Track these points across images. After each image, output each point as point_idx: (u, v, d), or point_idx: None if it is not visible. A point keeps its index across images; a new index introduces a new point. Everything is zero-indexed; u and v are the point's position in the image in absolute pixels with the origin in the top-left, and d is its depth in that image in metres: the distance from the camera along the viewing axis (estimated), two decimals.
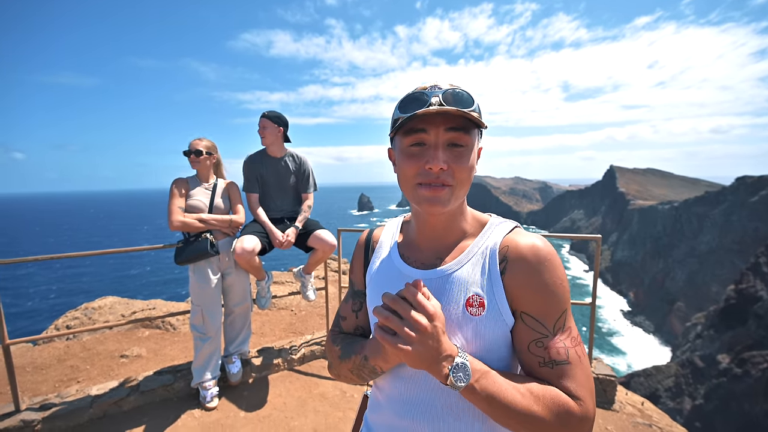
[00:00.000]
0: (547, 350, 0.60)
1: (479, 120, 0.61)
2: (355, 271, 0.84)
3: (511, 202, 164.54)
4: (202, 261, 2.46)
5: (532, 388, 0.57)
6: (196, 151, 2.45)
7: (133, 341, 3.73)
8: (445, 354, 0.55)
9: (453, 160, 0.61)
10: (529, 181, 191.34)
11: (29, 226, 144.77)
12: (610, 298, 71.90)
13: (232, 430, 2.33)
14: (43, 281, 52.73)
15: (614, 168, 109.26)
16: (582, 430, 0.57)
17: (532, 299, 0.61)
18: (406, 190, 0.66)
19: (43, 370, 3.19)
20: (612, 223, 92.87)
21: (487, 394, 0.55)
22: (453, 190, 0.62)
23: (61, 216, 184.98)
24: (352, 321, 0.83)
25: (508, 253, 0.64)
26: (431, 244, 0.71)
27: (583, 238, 2.68)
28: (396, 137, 0.67)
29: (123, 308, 4.46)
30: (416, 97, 0.62)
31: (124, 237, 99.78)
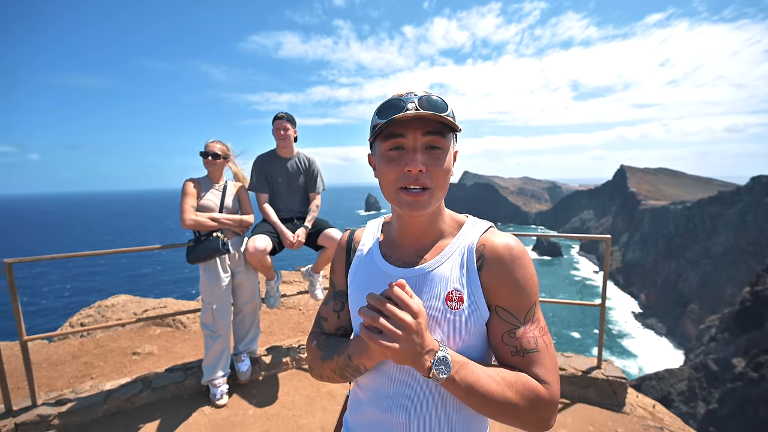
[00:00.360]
0: (519, 340, 0.65)
1: (454, 123, 0.65)
2: (336, 272, 0.86)
3: (520, 203, 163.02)
4: (212, 260, 2.50)
5: (505, 376, 0.62)
6: (213, 154, 2.51)
7: (145, 339, 3.81)
8: (428, 349, 0.59)
9: (431, 163, 0.66)
10: (537, 181, 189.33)
11: (44, 225, 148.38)
12: (620, 299, 70.70)
13: (242, 427, 2.36)
14: (57, 280, 53.99)
15: (625, 167, 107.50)
16: (549, 411, 0.63)
17: (505, 294, 0.67)
18: (387, 194, 0.70)
19: (58, 366, 3.28)
20: (623, 223, 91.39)
21: (466, 384, 0.60)
22: (432, 192, 0.67)
23: (75, 216, 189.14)
24: (334, 321, 0.83)
25: (485, 252, 0.69)
26: (412, 243, 0.75)
27: (593, 238, 2.65)
28: (375, 142, 0.70)
29: (135, 306, 4.55)
30: (393, 103, 0.65)
31: (136, 236, 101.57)
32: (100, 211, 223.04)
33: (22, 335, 2.42)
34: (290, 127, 2.70)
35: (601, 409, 2.53)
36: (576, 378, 2.64)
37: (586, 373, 2.64)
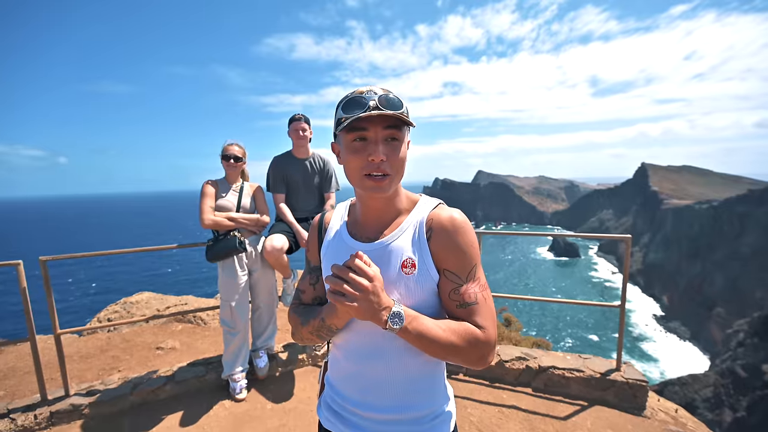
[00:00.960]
0: (462, 295, 0.80)
1: (408, 120, 0.77)
2: (311, 250, 0.99)
3: (535, 202, 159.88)
4: (230, 258, 2.58)
5: (450, 324, 0.77)
6: (235, 157, 2.60)
7: (168, 334, 3.95)
8: (384, 306, 0.73)
9: (390, 153, 0.77)
10: (554, 180, 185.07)
11: (72, 226, 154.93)
12: (641, 301, 68.40)
13: (260, 421, 2.43)
14: (85, 278, 56.36)
15: (646, 165, 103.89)
16: (486, 349, 0.77)
17: (450, 258, 0.80)
18: (353, 180, 0.82)
19: (88, 359, 3.44)
20: (644, 223, 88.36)
21: (417, 333, 0.74)
22: (392, 178, 0.79)
23: (101, 216, 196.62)
24: (310, 293, 0.96)
25: (433, 224, 0.83)
26: (374, 221, 0.88)
27: (612, 238, 2.60)
28: (340, 134, 0.80)
29: (158, 303, 4.72)
30: (356, 100, 0.76)
31: (157, 236, 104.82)
32: (124, 212, 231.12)
33: (55, 329, 2.56)
34: (307, 127, 2.76)
35: (620, 413, 2.48)
36: (594, 380, 2.60)
37: (605, 376, 2.59)
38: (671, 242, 72.84)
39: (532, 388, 2.75)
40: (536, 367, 2.78)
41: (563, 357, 2.89)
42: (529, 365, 2.80)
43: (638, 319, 60.02)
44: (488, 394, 2.68)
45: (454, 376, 2.93)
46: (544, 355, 2.92)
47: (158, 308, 4.59)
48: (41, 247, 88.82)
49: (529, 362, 2.83)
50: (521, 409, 2.53)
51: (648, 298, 70.06)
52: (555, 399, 2.61)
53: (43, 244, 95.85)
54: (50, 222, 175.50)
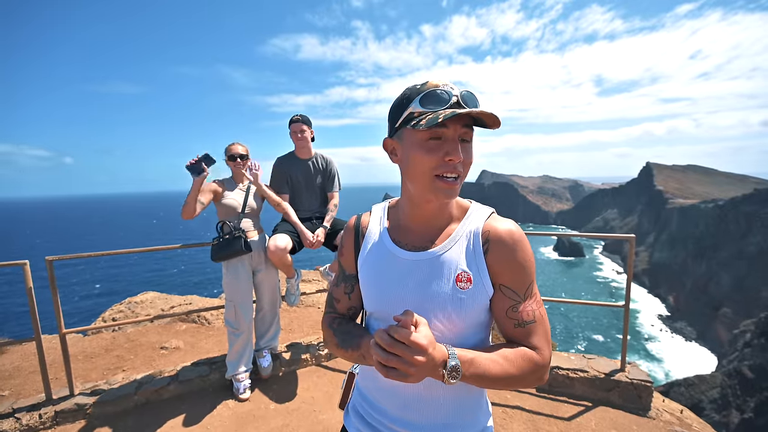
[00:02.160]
0: (520, 314, 0.74)
1: (498, 120, 0.70)
2: (345, 255, 0.90)
3: (540, 202, 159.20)
4: (235, 258, 2.59)
5: (506, 354, 0.70)
6: (241, 156, 2.61)
7: (172, 334, 3.97)
8: (439, 363, 0.63)
9: (464, 154, 0.72)
10: (558, 180, 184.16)
11: (78, 225, 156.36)
12: (647, 301, 67.94)
13: (264, 421, 2.43)
14: (90, 278, 56.85)
15: (651, 165, 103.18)
16: (543, 371, 0.73)
17: (508, 274, 0.74)
18: (420, 181, 0.73)
19: (92, 359, 3.46)
20: (649, 223, 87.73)
21: (475, 377, 0.67)
22: (461, 180, 0.73)
23: (106, 216, 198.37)
24: (345, 302, 0.90)
25: (490, 236, 0.76)
26: (421, 228, 0.80)
27: (616, 237, 2.58)
28: (405, 130, 0.73)
29: (162, 303, 4.74)
30: (438, 94, 0.69)
31: (163, 236, 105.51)
32: (129, 212, 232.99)
33: (60, 328, 2.58)
34: (307, 128, 2.76)
35: (625, 413, 2.45)
36: (598, 380, 2.58)
37: (609, 376, 2.57)
38: (677, 242, 72.25)
39: (536, 389, 2.73)
40: None
41: (567, 357, 2.87)
42: None
43: (644, 319, 59.61)
44: (492, 395, 2.67)
45: None
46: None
47: (162, 308, 4.61)
48: (48, 247, 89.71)
49: None
50: (525, 409, 2.52)
51: (654, 298, 69.55)
52: (559, 399, 2.59)
53: (49, 244, 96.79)
54: (57, 222, 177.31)
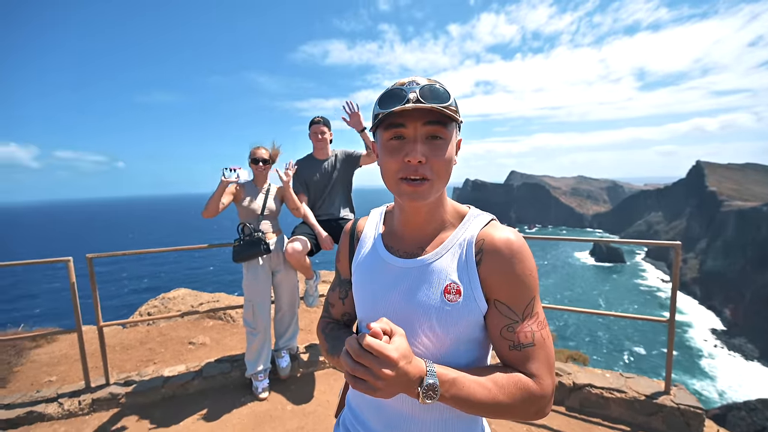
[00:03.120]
0: (516, 335, 0.65)
1: (454, 115, 0.65)
2: (341, 261, 0.89)
3: (574, 204, 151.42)
4: (254, 259, 2.64)
5: (496, 380, 0.63)
6: (263, 160, 2.67)
7: (200, 330, 4.13)
8: (414, 379, 0.57)
9: (431, 153, 0.65)
10: (594, 180, 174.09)
11: (124, 224, 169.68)
12: (698, 314, 62.31)
13: (280, 422, 2.44)
14: (138, 273, 61.43)
15: (702, 164, 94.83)
16: (542, 403, 0.64)
17: (504, 288, 0.66)
18: (389, 184, 0.70)
19: (128, 350, 3.68)
20: (700, 227, 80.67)
21: (457, 399, 0.60)
22: (432, 183, 0.66)
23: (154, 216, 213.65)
24: (340, 308, 0.89)
25: (484, 245, 0.69)
26: (413, 234, 0.76)
27: (658, 244, 2.34)
28: (377, 131, 0.70)
29: (192, 299, 4.97)
30: (394, 92, 0.65)
31: (199, 235, 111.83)
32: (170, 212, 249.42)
33: (98, 321, 2.74)
34: (326, 130, 2.77)
35: None
36: (638, 403, 2.34)
37: (651, 399, 2.33)
38: (734, 248, 65.79)
39: (566, 407, 2.54)
40: (570, 384, 2.56)
41: (602, 374, 2.64)
42: (562, 381, 2.59)
43: (695, 333, 54.64)
44: None
45: None
46: (580, 372, 2.69)
47: (192, 304, 4.83)
48: (98, 245, 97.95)
49: (562, 378, 2.61)
50: (553, 429, 2.34)
51: (706, 311, 63.68)
52: (592, 421, 2.39)
53: (99, 243, 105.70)
54: (108, 221, 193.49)
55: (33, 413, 2.52)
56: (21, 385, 3.08)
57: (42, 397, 2.64)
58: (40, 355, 3.63)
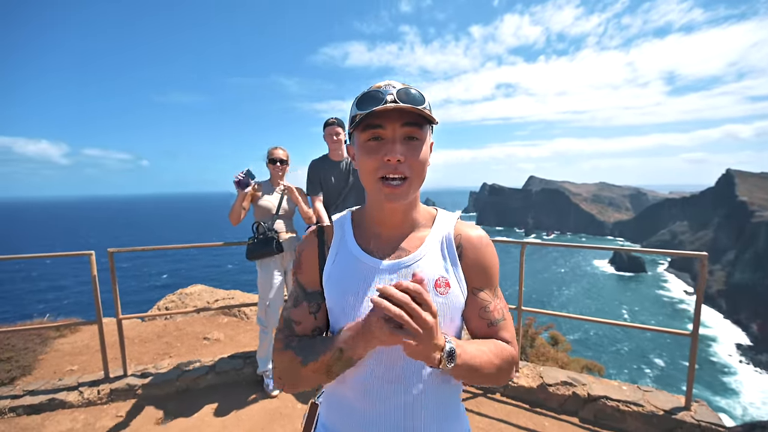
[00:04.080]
0: (492, 313, 0.77)
1: (430, 116, 0.69)
2: (306, 272, 0.80)
3: (594, 211, 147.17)
4: (267, 258, 2.68)
5: (490, 347, 0.72)
6: (281, 160, 2.72)
7: (215, 326, 4.22)
8: (438, 344, 0.61)
9: (409, 153, 0.69)
10: (617, 187, 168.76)
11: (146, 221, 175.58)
12: (723, 328, 59.35)
13: (290, 419, 2.46)
14: (156, 269, 63.45)
15: (733, 172, 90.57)
16: (516, 364, 0.77)
17: (481, 276, 0.78)
18: (367, 184, 0.72)
19: (146, 343, 3.79)
20: (728, 238, 77.00)
21: (466, 366, 0.66)
22: (410, 182, 0.70)
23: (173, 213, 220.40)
24: (310, 323, 0.78)
25: (462, 241, 0.79)
26: (391, 235, 0.78)
27: (683, 254, 2.25)
28: (354, 133, 0.73)
29: (208, 296, 5.09)
30: (372, 95, 0.68)
31: (218, 232, 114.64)
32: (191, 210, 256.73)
33: (118, 314, 2.84)
34: (341, 131, 2.79)
35: None
36: (656, 418, 2.25)
37: (670, 414, 2.23)
38: (764, 261, 62.45)
39: (579, 418, 2.46)
40: (585, 394, 2.48)
41: (618, 386, 2.55)
42: (576, 392, 2.52)
43: (719, 348, 52.05)
44: (528, 420, 2.45)
45: (491, 395, 2.73)
46: (595, 382, 2.61)
47: (208, 300, 4.94)
48: (122, 240, 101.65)
49: (576, 388, 2.54)
50: None
51: (731, 325, 60.59)
52: None
53: (123, 238, 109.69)
54: (135, 217, 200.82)
55: (55, 400, 2.62)
56: (45, 372, 3.23)
57: (64, 385, 2.76)
58: (63, 344, 3.79)
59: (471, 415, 2.52)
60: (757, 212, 71.84)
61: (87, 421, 2.49)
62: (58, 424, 2.45)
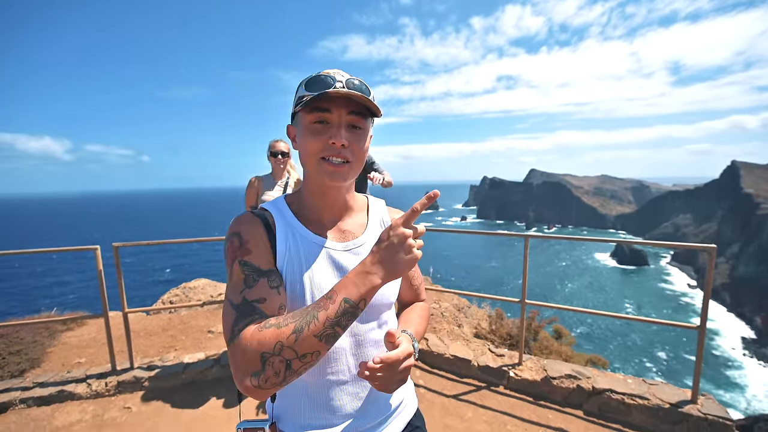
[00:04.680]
0: (415, 280, 0.99)
1: (376, 106, 0.72)
2: (257, 251, 0.72)
3: (596, 204, 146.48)
4: None
5: (419, 312, 0.94)
6: (282, 153, 2.71)
7: (218, 319, 4.25)
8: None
9: (353, 139, 0.73)
10: (619, 180, 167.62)
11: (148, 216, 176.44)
12: (727, 321, 59.37)
13: None
14: (160, 264, 63.94)
15: (738, 164, 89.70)
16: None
17: None
18: (309, 164, 0.74)
19: (152, 336, 3.83)
20: (732, 231, 76.59)
21: (418, 340, 0.84)
22: (352, 166, 0.74)
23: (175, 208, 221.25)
24: (276, 299, 0.68)
25: None
26: (332, 218, 0.82)
27: (691, 247, 2.22)
28: (299, 114, 0.74)
29: (212, 289, 5.11)
30: (322, 79, 0.70)
31: (222, 227, 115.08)
32: (193, 205, 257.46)
33: (123, 308, 2.86)
34: None
35: None
36: (661, 411, 2.25)
37: (676, 407, 2.23)
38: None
39: (584, 411, 2.46)
40: (589, 387, 2.48)
41: (623, 380, 2.55)
42: (580, 385, 2.52)
43: (723, 342, 52.11)
44: (531, 412, 2.46)
45: (494, 389, 2.74)
46: (600, 376, 2.61)
47: (212, 294, 4.97)
48: (124, 235, 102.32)
49: (581, 381, 2.54)
50: None
51: (735, 318, 60.57)
52: (612, 427, 2.31)
53: (125, 233, 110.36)
54: (135, 213, 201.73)
55: (64, 392, 2.66)
56: (53, 365, 3.26)
57: (72, 378, 2.79)
58: (71, 337, 3.83)
59: (475, 408, 2.53)
60: (762, 204, 71.28)
61: (95, 412, 2.52)
62: (68, 416, 2.48)
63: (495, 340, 3.85)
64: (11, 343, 3.33)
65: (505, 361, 2.92)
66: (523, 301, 2.80)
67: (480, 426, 2.34)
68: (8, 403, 2.55)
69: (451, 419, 2.41)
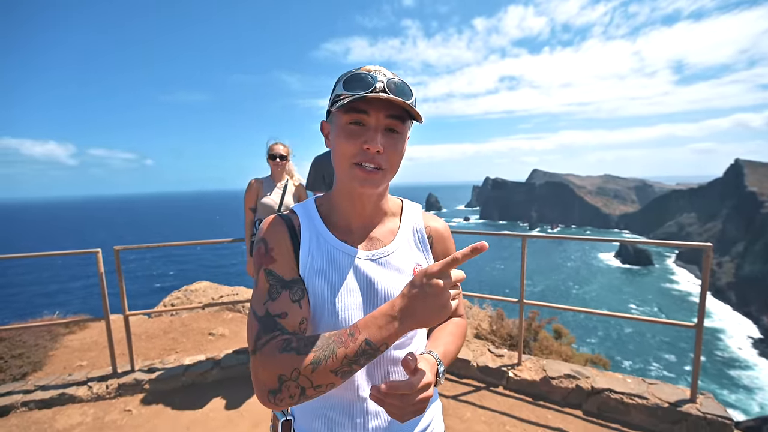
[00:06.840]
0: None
1: (416, 113, 0.67)
2: (281, 260, 0.70)
3: (600, 203, 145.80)
4: None
5: (452, 330, 0.81)
6: (280, 156, 2.72)
7: (219, 322, 4.27)
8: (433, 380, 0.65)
9: (388, 145, 0.67)
10: (622, 179, 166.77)
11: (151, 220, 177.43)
12: (733, 321, 58.73)
13: None
14: (162, 268, 64.23)
15: (742, 162, 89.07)
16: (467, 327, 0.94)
17: None
18: (340, 167, 0.70)
19: (153, 339, 3.85)
20: (736, 229, 76.01)
21: (447, 363, 0.72)
22: (385, 174, 0.69)
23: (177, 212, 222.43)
24: (297, 313, 0.67)
25: (431, 231, 0.85)
26: (362, 224, 0.78)
27: (687, 245, 2.22)
28: (335, 112, 0.69)
29: (213, 292, 5.14)
30: (362, 77, 0.65)
31: (223, 231, 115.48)
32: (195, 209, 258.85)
33: (124, 310, 2.88)
34: None
35: None
36: (660, 410, 2.24)
37: (675, 406, 2.22)
38: None
39: (583, 411, 2.46)
40: (588, 387, 2.48)
41: (623, 379, 2.54)
42: (579, 385, 2.51)
43: (731, 342, 51.54)
44: (530, 413, 2.46)
45: (493, 389, 2.73)
46: (599, 375, 2.60)
47: (213, 297, 4.99)
48: (126, 239, 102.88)
49: (580, 381, 2.53)
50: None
51: (742, 318, 59.97)
52: (611, 427, 2.30)
53: (128, 237, 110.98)
54: (138, 216, 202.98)
55: (65, 395, 2.68)
56: (55, 368, 3.29)
57: (73, 381, 2.81)
58: (72, 341, 3.86)
59: (474, 408, 2.53)
60: (766, 203, 70.71)
61: (96, 415, 2.54)
62: (69, 418, 2.50)
63: (495, 341, 3.84)
64: (13, 346, 3.36)
65: (504, 361, 2.92)
66: (521, 301, 2.80)
67: (479, 426, 2.34)
68: (10, 406, 2.58)
69: (450, 420, 2.41)
